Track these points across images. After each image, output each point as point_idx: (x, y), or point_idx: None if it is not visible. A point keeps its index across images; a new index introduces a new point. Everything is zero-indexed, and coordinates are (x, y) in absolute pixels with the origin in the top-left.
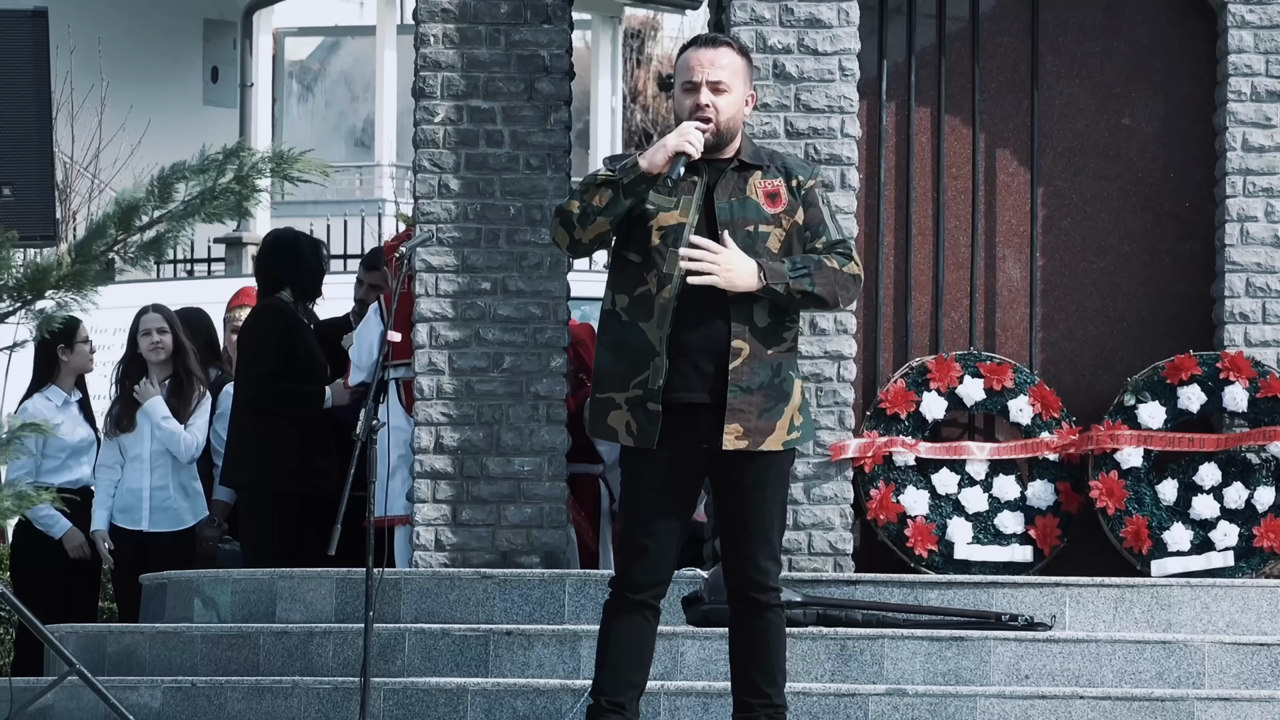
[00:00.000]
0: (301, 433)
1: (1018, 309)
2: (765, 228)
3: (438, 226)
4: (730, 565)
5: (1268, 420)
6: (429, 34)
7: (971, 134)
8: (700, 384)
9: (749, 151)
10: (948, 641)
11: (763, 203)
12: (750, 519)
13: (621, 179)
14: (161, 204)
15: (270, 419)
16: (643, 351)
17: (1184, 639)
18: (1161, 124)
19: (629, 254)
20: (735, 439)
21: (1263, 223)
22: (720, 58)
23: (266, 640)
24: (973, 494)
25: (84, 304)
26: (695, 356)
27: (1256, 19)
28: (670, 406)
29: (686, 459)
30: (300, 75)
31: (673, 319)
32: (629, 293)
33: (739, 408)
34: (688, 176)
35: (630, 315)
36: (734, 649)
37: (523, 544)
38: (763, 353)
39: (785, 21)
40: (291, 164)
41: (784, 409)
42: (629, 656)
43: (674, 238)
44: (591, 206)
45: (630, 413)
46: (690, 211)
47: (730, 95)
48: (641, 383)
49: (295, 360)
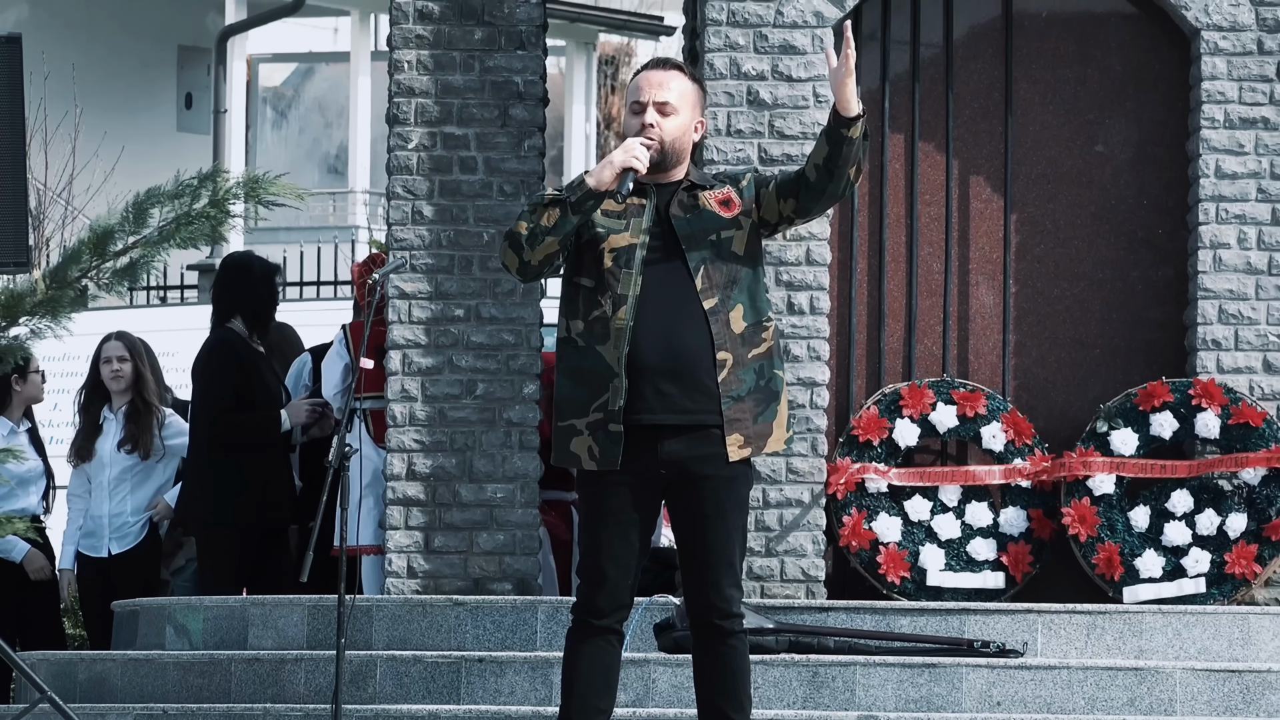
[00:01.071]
0: (256, 466)
1: (991, 336)
2: (727, 232)
3: (411, 253)
4: (692, 592)
5: (1240, 447)
6: (403, 60)
7: (945, 160)
8: (661, 405)
9: (697, 175)
10: (920, 668)
11: (718, 210)
12: (711, 546)
13: (569, 197)
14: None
15: (225, 453)
16: (601, 375)
17: (1156, 666)
18: (1135, 151)
19: (581, 279)
20: (739, 448)
21: (1235, 249)
22: (669, 80)
23: (238, 667)
24: (945, 520)
25: (58, 330)
26: (653, 378)
27: (1230, 46)
28: (629, 429)
29: (646, 482)
30: (274, 101)
31: (630, 339)
32: (584, 318)
33: (735, 417)
34: (635, 199)
35: (586, 340)
36: (699, 677)
37: (495, 571)
38: (745, 358)
39: (759, 48)
40: (266, 188)
41: (776, 408)
42: (595, 683)
43: (626, 259)
44: (540, 227)
45: (591, 436)
46: (640, 232)
47: (677, 118)
48: (601, 405)
49: (248, 390)
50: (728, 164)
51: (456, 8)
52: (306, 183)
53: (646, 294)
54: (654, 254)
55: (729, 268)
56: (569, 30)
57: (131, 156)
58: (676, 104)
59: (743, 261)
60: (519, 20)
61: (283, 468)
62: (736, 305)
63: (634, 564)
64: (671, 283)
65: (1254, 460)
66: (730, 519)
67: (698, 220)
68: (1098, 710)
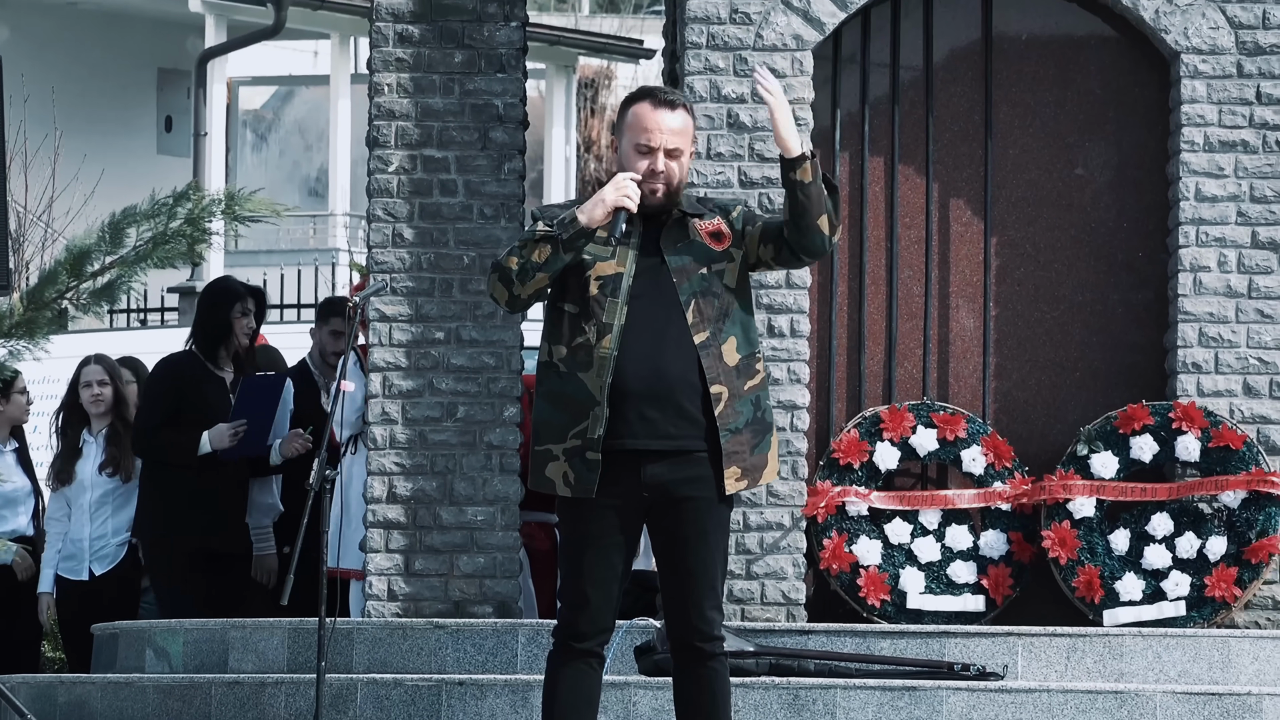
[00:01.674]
0: (200, 487)
1: (971, 359)
2: (718, 265)
3: (391, 276)
4: (674, 615)
5: (1220, 470)
6: (383, 83)
7: (925, 183)
8: (643, 430)
9: (687, 202)
10: (900, 691)
11: (708, 243)
12: (694, 568)
13: (561, 235)
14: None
15: (169, 473)
16: (582, 402)
17: (1136, 689)
18: (1115, 174)
19: (565, 305)
20: (735, 480)
21: (1215, 272)
22: (678, 124)
23: (219, 690)
24: (925, 544)
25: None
26: (638, 404)
27: (1209, 69)
28: (611, 454)
29: (628, 506)
30: (254, 124)
31: (613, 367)
32: (567, 343)
33: (734, 450)
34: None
35: (569, 366)
36: (679, 699)
37: (475, 594)
38: (740, 390)
39: (739, 71)
40: (242, 204)
41: (769, 439)
42: (576, 707)
43: (612, 287)
44: (531, 263)
45: (568, 463)
46: (628, 260)
47: (683, 159)
48: (580, 433)
49: (186, 411)
50: (708, 187)
51: (436, 31)
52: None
53: (632, 324)
54: (641, 283)
55: (721, 301)
56: (549, 53)
57: (112, 179)
58: (685, 147)
59: (735, 294)
60: (499, 43)
61: (229, 491)
62: (729, 338)
63: (615, 588)
64: (659, 314)
65: (1234, 483)
66: (712, 541)
67: (688, 251)
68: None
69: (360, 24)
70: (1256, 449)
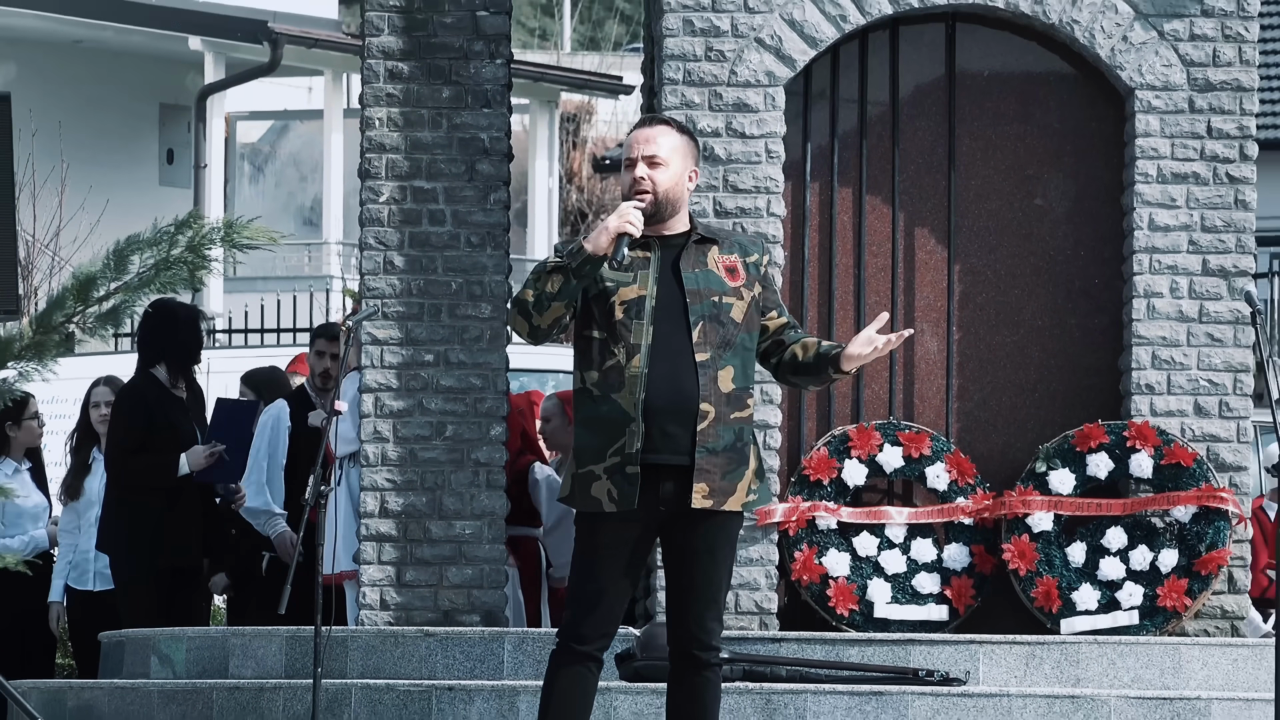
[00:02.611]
0: (165, 507)
1: (935, 380)
2: (728, 299)
3: (383, 301)
4: (676, 624)
5: (1171, 486)
6: (374, 118)
7: (891, 213)
8: (665, 445)
9: (704, 228)
10: (867, 696)
11: (724, 276)
12: (700, 581)
13: (570, 264)
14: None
15: (135, 494)
16: (617, 421)
17: (1091, 694)
18: (1072, 204)
19: (593, 332)
20: (702, 497)
21: (1168, 298)
22: (657, 134)
23: (220, 695)
24: (892, 556)
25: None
26: (663, 420)
27: (1163, 104)
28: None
29: (645, 518)
30: (251, 157)
31: (645, 384)
32: (598, 368)
33: (705, 468)
34: (639, 251)
35: (601, 389)
36: (671, 704)
37: (464, 603)
38: (727, 416)
39: (714, 106)
40: (241, 232)
41: (744, 471)
42: (570, 706)
43: (636, 310)
44: (545, 293)
45: (609, 480)
46: (649, 284)
47: (667, 169)
48: (618, 449)
49: (158, 434)
50: None
51: (425, 68)
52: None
53: (656, 343)
54: (662, 304)
55: (725, 330)
56: (532, 89)
57: (116, 209)
58: (666, 157)
59: (740, 328)
60: (485, 80)
61: (192, 509)
62: (727, 366)
63: (622, 596)
64: (676, 332)
65: (1185, 499)
66: (719, 556)
67: (704, 279)
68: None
69: (352, 61)
70: (1206, 466)
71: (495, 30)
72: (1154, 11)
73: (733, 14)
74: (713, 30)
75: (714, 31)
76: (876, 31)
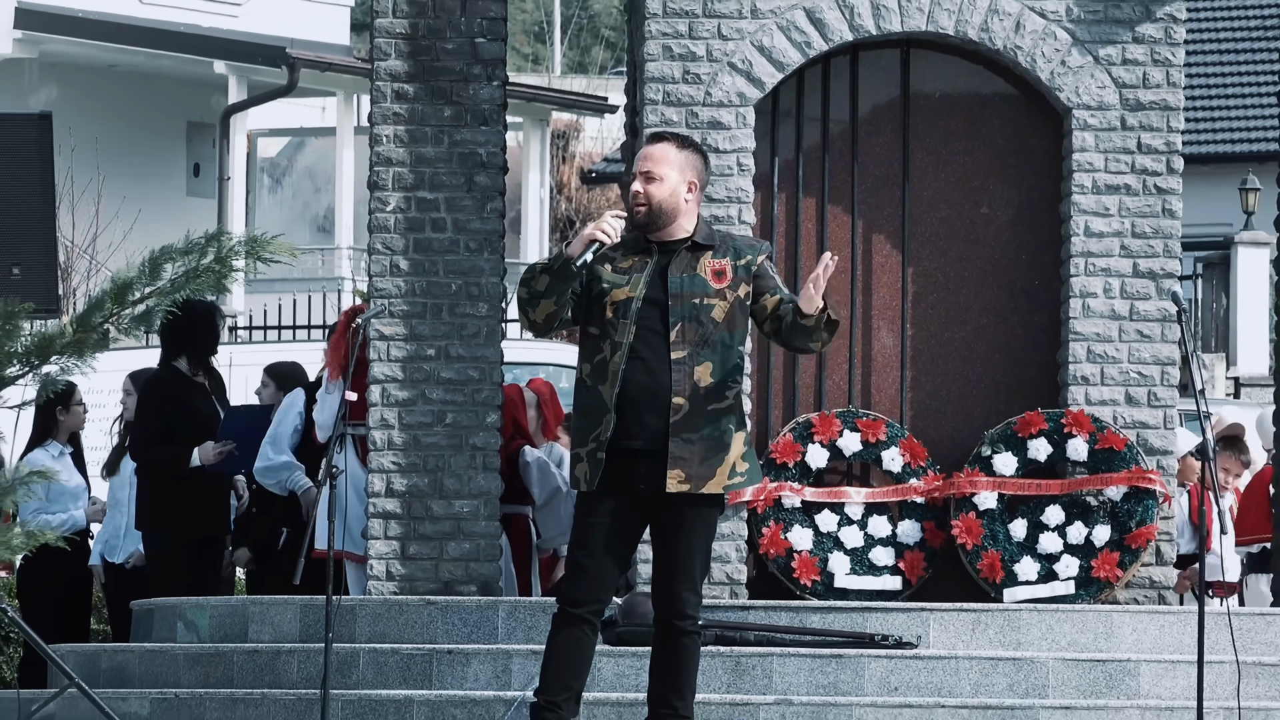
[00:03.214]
0: (193, 487)
1: (890, 372)
2: (710, 300)
3: (389, 300)
4: (658, 595)
5: (1105, 468)
6: (382, 134)
7: (851, 221)
8: (640, 433)
9: (704, 234)
10: (828, 658)
11: (710, 279)
12: (680, 558)
13: (552, 265)
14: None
15: (160, 477)
16: (599, 410)
17: (1031, 656)
18: (1015, 213)
19: (590, 328)
20: (677, 483)
21: (1102, 298)
22: (655, 151)
23: (240, 658)
24: (850, 532)
25: (84, 368)
26: (639, 411)
27: (1097, 122)
28: (616, 453)
29: (629, 497)
30: (270, 170)
31: (621, 379)
32: (590, 360)
33: (681, 455)
34: (640, 256)
35: (592, 380)
36: (653, 666)
37: (462, 575)
38: (703, 408)
39: (691, 124)
40: (264, 246)
41: (724, 457)
42: (566, 663)
43: (623, 310)
44: (535, 291)
45: (587, 462)
46: (639, 287)
47: (663, 183)
48: (596, 436)
49: (179, 421)
50: None
51: (428, 89)
52: (298, 240)
53: (638, 341)
54: (649, 306)
55: (704, 329)
56: (525, 109)
57: (147, 218)
58: (662, 173)
59: (719, 327)
60: (482, 100)
61: (217, 490)
62: (705, 362)
63: (612, 565)
64: (656, 331)
65: (1117, 479)
66: (695, 536)
67: (689, 283)
68: (981, 694)
69: (362, 83)
70: (1136, 450)
71: (492, 55)
72: (1090, 38)
73: (708, 41)
74: (690, 56)
75: (691, 57)
76: (838, 56)
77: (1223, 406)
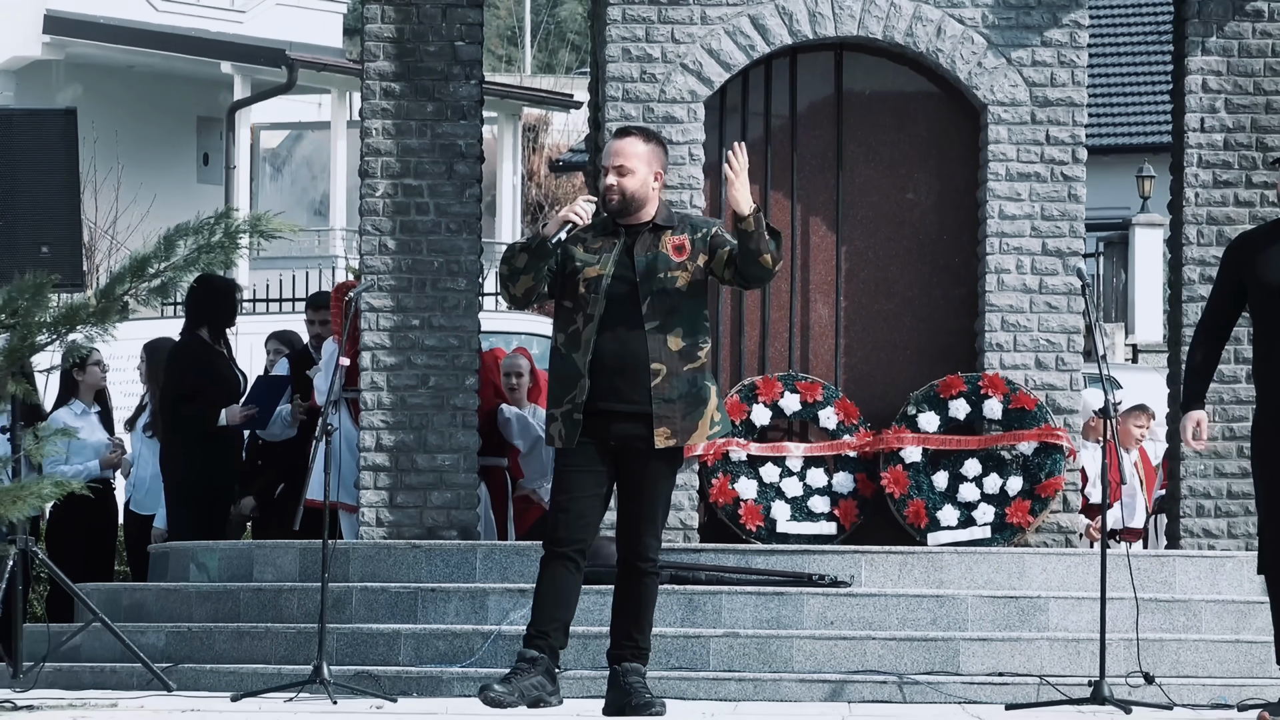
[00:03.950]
0: (212, 443)
1: (826, 340)
2: (673, 273)
3: (378, 277)
4: (622, 539)
5: (1017, 426)
6: (372, 127)
7: (791, 205)
8: (613, 396)
9: (664, 216)
10: (771, 596)
11: (671, 254)
12: (644, 506)
13: (530, 244)
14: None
15: (181, 434)
16: (573, 375)
17: (952, 593)
18: (937, 198)
19: (565, 302)
20: (665, 439)
21: (1014, 274)
22: (625, 146)
23: (246, 595)
24: (791, 482)
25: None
26: (611, 376)
27: (1010, 117)
28: (592, 413)
29: (602, 450)
30: (271, 159)
31: (593, 347)
32: (565, 331)
33: (665, 414)
34: (609, 237)
35: (566, 349)
36: (616, 604)
37: (444, 521)
38: (679, 369)
39: (647, 118)
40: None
41: (704, 410)
42: (555, 597)
43: (594, 286)
44: (514, 268)
45: (561, 423)
46: (609, 265)
47: (634, 175)
48: (571, 399)
49: (206, 384)
50: None
51: (413, 87)
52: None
53: (608, 314)
54: (618, 283)
55: (672, 299)
56: (500, 105)
57: (161, 203)
58: (631, 164)
59: (685, 296)
60: (461, 97)
61: (231, 446)
62: (676, 329)
63: (590, 508)
64: (627, 305)
65: (1028, 436)
66: (657, 486)
67: (653, 260)
68: (908, 628)
69: (354, 82)
70: (1046, 410)
71: (470, 57)
72: (1003, 42)
73: (663, 44)
74: (646, 57)
75: (647, 58)
76: (779, 58)
77: (1122, 371)
